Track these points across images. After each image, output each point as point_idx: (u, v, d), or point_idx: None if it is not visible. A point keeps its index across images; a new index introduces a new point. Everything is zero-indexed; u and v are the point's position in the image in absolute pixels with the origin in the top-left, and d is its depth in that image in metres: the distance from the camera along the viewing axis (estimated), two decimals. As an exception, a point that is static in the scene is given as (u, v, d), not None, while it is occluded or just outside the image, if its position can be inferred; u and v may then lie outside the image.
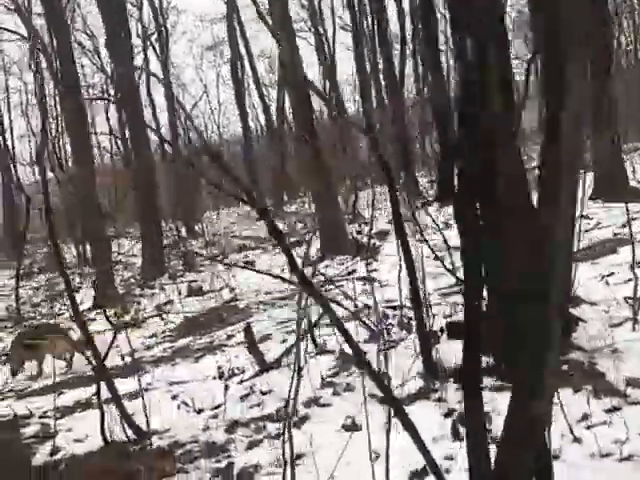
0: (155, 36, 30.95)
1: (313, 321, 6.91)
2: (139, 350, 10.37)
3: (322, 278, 11.52)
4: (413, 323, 6.46)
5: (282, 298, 11.11)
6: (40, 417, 7.43)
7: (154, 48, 32.05)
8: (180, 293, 13.58)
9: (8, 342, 12.18)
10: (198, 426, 5.59)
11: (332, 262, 12.48)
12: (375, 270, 10.90)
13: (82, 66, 28.13)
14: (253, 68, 31.77)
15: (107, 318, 6.84)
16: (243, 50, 30.44)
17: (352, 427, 4.52)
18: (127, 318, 12.30)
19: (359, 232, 13.93)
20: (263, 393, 5.96)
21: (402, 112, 20.39)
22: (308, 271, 11.86)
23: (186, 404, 6.22)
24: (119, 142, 29.69)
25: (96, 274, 14.68)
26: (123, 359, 9.97)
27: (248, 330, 6.89)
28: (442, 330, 5.29)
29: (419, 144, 29.69)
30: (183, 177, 26.47)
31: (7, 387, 9.81)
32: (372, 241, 12.64)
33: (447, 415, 4.27)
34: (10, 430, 7.44)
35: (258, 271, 8.45)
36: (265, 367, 6.62)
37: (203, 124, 38.99)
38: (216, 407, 5.99)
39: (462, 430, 3.78)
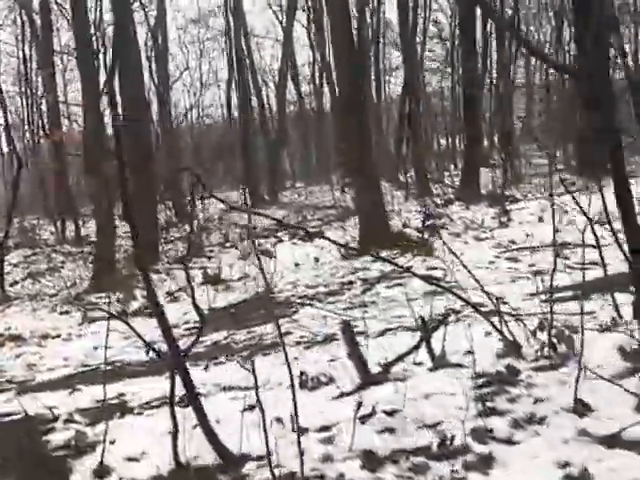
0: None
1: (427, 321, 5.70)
2: (157, 344, 9.01)
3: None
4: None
5: (329, 293, 9.86)
6: (67, 420, 6.03)
7: (144, 8, 29.85)
8: (193, 280, 12.19)
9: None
10: (312, 454, 4.31)
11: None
12: (435, 268, 9.71)
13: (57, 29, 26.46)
14: (248, 46, 30.42)
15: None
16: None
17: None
18: (135, 305, 10.97)
19: (405, 225, 12.72)
20: (387, 414, 4.70)
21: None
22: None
23: (279, 420, 4.94)
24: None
25: (95, 255, 13.26)
26: (148, 353, 8.61)
27: (347, 328, 5.59)
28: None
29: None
30: (172, 154, 25.06)
31: (3, 377, 8.36)
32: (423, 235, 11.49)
33: None
34: (25, 435, 6.05)
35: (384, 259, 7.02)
36: (371, 379, 5.36)
37: (187, 102, 37.31)
38: (324, 428, 4.72)
39: None
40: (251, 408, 5.39)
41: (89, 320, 10.60)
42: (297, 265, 11.95)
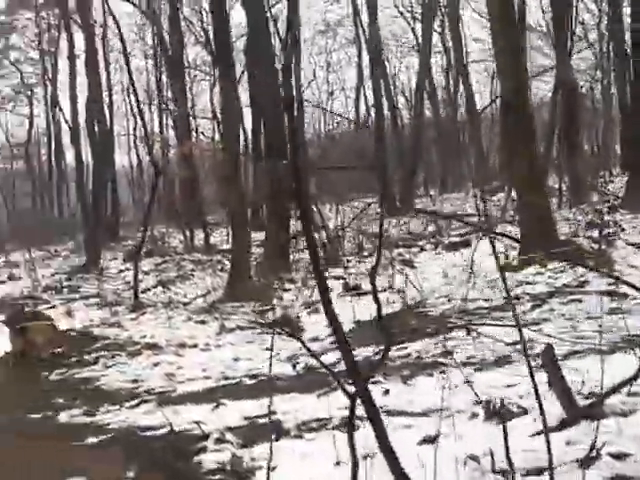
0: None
1: None
2: (300, 358, 8.49)
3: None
4: None
5: (492, 309, 9.03)
6: (218, 440, 5.54)
7: (275, 23, 30.11)
8: (332, 290, 11.72)
9: (133, 332, 10.60)
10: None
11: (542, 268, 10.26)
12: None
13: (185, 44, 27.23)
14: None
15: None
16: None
17: None
18: (271, 315, 10.58)
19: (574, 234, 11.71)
20: (615, 457, 3.90)
21: None
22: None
23: (474, 459, 4.24)
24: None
25: (231, 263, 13.08)
26: (294, 367, 8.14)
27: (549, 350, 4.80)
28: None
29: None
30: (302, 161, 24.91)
31: (142, 387, 8.04)
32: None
33: None
34: (173, 453, 5.61)
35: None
36: (580, 413, 4.54)
37: (315, 111, 37.45)
38: (535, 471, 3.97)
39: None
40: (432, 439, 4.74)
41: (227, 330, 10.30)
42: (446, 276, 11.19)
